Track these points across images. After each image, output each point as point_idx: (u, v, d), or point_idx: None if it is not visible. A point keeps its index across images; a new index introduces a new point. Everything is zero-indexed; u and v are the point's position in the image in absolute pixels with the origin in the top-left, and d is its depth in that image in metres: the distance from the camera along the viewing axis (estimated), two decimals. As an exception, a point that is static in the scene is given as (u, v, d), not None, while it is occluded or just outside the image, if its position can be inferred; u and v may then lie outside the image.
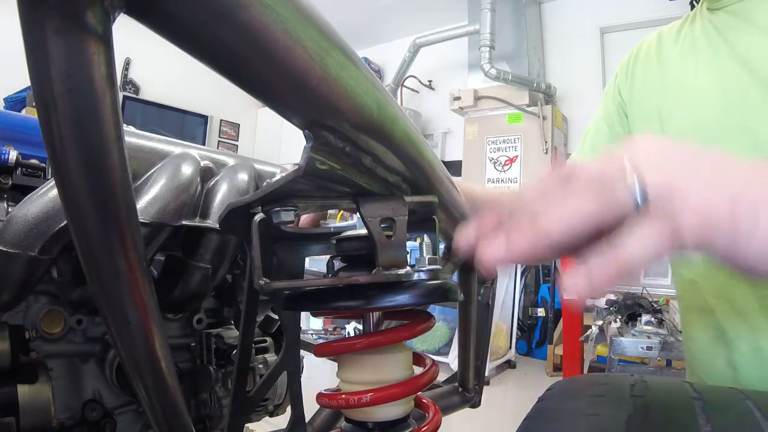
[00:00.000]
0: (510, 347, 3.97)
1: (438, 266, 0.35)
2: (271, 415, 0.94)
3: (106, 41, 0.18)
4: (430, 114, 5.25)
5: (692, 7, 0.70)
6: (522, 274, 4.17)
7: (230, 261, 0.75)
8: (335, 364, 0.42)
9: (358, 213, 0.34)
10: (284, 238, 0.39)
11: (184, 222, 0.64)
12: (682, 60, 0.69)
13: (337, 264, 0.41)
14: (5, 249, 0.55)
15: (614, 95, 0.80)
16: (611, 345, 2.34)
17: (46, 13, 0.16)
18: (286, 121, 0.26)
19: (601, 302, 3.03)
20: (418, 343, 3.53)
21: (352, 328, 3.73)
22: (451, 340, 3.71)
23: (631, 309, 2.64)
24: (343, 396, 0.38)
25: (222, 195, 0.69)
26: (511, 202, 0.32)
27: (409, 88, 5.28)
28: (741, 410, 0.37)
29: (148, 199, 0.61)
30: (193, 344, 0.88)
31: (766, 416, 0.35)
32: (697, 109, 0.65)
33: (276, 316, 0.93)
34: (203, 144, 4.82)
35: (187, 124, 5.56)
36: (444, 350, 3.68)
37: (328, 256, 0.42)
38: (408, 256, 0.34)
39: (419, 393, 0.43)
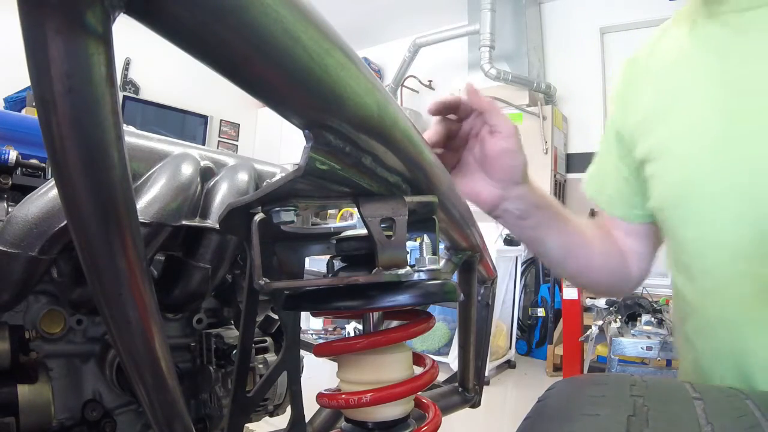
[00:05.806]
0: (510, 347, 3.97)
1: (438, 266, 0.35)
2: (271, 415, 0.94)
3: (106, 41, 0.18)
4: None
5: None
6: (522, 274, 4.17)
7: (230, 261, 0.75)
8: (335, 364, 0.42)
9: (357, 213, 0.34)
10: (284, 238, 0.40)
11: (184, 222, 0.64)
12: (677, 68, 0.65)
13: (337, 264, 0.41)
14: (5, 249, 0.55)
15: (617, 129, 0.74)
16: (611, 345, 2.34)
17: (46, 13, 0.16)
18: (286, 121, 0.26)
19: (601, 302, 3.03)
20: (418, 343, 3.53)
21: (352, 328, 3.73)
22: (451, 340, 3.71)
23: (631, 309, 2.65)
24: (343, 396, 0.38)
25: (222, 195, 0.69)
26: None
27: (409, 88, 5.27)
28: (741, 410, 0.37)
29: (148, 199, 0.61)
30: (193, 344, 0.88)
31: (766, 416, 0.35)
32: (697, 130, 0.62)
33: (276, 316, 0.93)
34: (203, 144, 4.82)
35: (187, 124, 5.56)
36: (444, 350, 3.68)
37: (328, 256, 0.42)
38: (408, 256, 0.34)
39: (419, 393, 0.43)
